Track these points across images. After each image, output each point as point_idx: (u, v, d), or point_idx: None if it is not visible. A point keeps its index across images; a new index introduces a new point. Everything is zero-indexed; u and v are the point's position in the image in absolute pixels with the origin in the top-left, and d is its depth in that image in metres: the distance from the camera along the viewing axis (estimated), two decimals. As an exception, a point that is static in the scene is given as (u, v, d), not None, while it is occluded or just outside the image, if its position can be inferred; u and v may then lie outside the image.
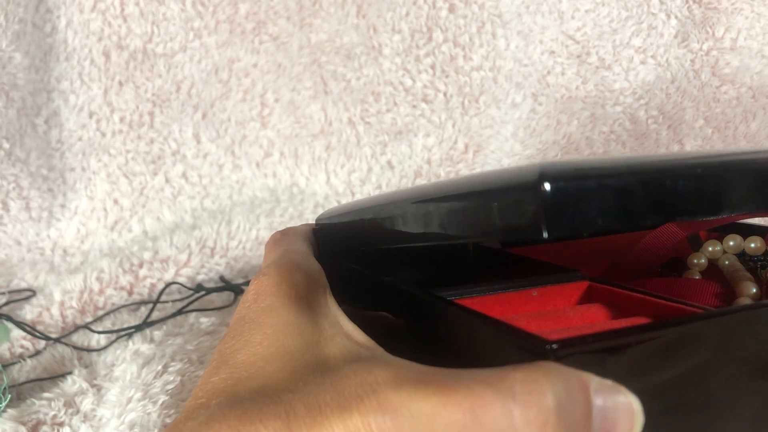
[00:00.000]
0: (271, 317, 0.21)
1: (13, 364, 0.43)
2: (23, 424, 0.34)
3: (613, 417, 0.16)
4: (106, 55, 0.60)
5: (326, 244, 0.31)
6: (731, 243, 0.31)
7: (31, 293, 0.53)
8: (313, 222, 0.34)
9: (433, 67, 0.61)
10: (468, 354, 0.22)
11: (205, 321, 0.46)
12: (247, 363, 0.19)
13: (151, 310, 0.49)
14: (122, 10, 0.59)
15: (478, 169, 0.63)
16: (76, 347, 0.45)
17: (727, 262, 0.30)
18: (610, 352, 0.19)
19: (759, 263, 0.31)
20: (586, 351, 0.18)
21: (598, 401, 0.16)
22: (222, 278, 0.56)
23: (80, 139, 0.60)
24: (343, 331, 0.21)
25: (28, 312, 0.50)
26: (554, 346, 0.18)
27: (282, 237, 0.29)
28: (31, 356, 0.45)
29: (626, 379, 0.17)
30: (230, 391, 0.18)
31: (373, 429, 0.15)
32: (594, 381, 0.16)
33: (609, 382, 0.16)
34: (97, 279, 0.53)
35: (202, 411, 0.17)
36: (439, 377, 0.16)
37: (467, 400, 0.15)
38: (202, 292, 0.52)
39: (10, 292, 0.54)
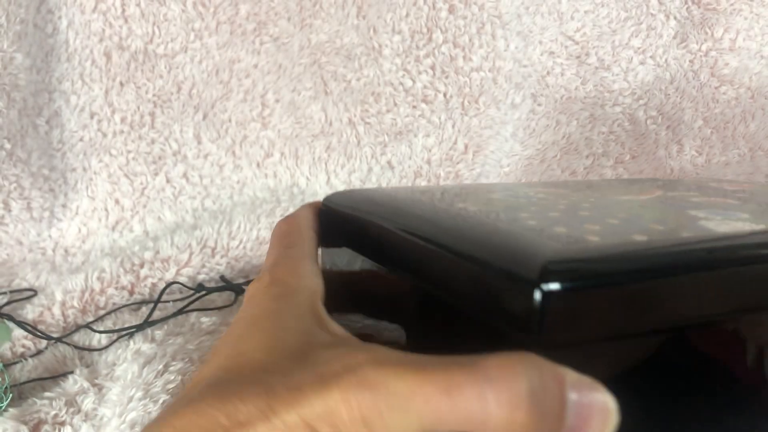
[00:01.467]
0: (256, 311, 0.22)
1: (14, 363, 0.44)
2: (25, 423, 0.34)
3: (587, 414, 0.16)
4: (107, 55, 0.60)
5: (331, 226, 0.31)
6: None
7: (32, 293, 0.53)
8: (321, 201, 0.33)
9: (432, 67, 0.61)
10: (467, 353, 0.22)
11: (206, 320, 0.46)
12: (231, 353, 0.20)
13: (152, 310, 0.49)
14: (123, 11, 0.59)
15: (477, 170, 0.63)
16: (77, 347, 0.46)
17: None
18: (590, 348, 0.19)
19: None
20: (566, 344, 0.18)
21: (572, 396, 0.16)
22: (223, 278, 0.56)
23: (81, 139, 0.61)
24: (328, 328, 0.21)
25: (30, 312, 0.50)
26: (536, 335, 0.18)
27: (287, 233, 0.29)
28: (32, 356, 0.45)
29: (605, 377, 0.17)
30: (211, 376, 0.19)
31: (352, 405, 0.16)
32: (570, 375, 0.16)
33: (586, 379, 0.16)
34: (99, 279, 0.53)
35: (185, 399, 0.18)
36: (418, 360, 0.17)
37: (444, 381, 0.16)
38: (203, 292, 0.52)
39: (11, 291, 0.54)
